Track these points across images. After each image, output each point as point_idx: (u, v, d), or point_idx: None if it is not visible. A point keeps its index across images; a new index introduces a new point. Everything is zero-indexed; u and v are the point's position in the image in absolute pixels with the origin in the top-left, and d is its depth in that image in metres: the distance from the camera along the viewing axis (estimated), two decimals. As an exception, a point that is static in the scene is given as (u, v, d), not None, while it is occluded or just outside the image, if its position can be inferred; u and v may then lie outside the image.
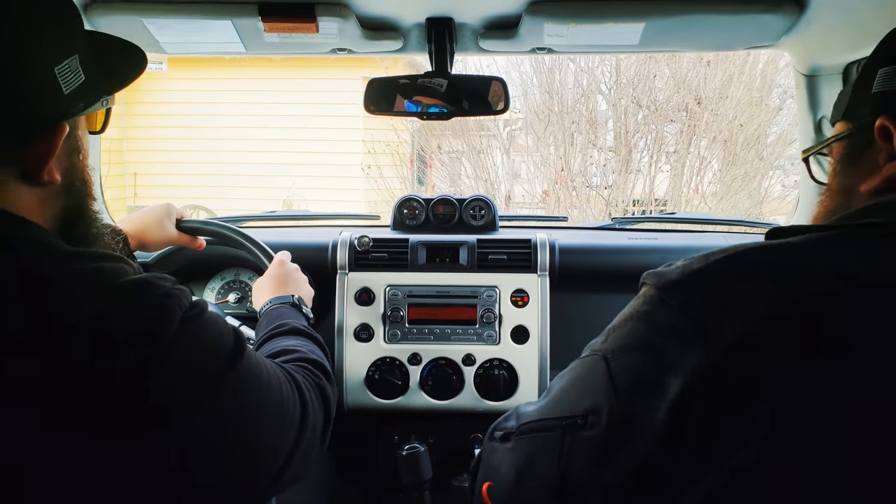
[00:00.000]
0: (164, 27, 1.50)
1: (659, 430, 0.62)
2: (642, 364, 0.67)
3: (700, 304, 0.64)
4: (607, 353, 0.71)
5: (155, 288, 0.72)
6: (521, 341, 1.72)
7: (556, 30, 1.49)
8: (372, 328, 1.74)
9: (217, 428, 0.73)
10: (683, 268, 0.68)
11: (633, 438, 0.65)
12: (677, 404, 0.61)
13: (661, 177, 6.69)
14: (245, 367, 0.79)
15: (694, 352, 0.61)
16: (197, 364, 0.72)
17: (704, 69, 6.42)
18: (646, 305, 0.69)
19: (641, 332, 0.68)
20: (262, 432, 0.81)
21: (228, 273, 1.92)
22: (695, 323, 0.63)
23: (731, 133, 6.46)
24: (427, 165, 8.15)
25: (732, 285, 0.64)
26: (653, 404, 0.63)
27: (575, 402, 0.73)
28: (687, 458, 0.61)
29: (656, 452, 0.63)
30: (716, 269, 0.66)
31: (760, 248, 0.67)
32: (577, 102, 6.87)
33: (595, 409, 0.69)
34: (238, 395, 0.76)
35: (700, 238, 2.02)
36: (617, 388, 0.68)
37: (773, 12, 1.39)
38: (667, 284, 0.67)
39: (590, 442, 0.69)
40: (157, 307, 0.70)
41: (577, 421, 0.71)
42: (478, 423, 1.77)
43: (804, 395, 0.57)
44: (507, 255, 1.76)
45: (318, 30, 1.47)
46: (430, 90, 1.58)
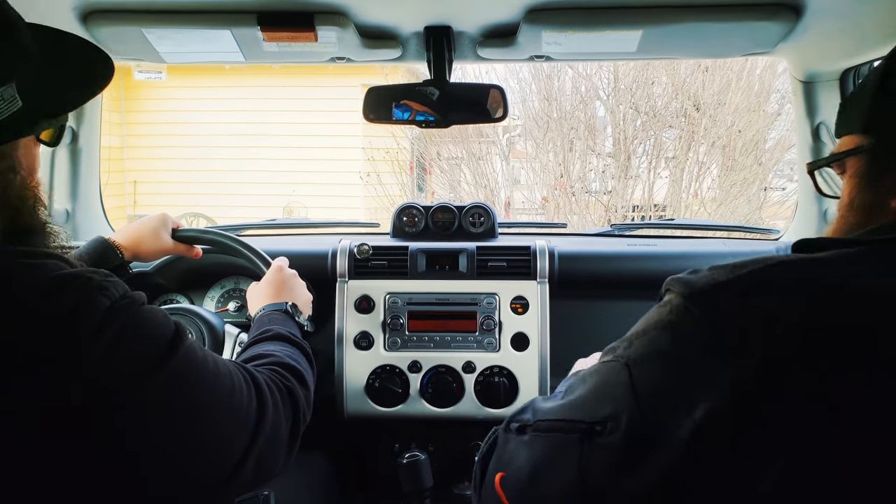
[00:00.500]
0: (164, 37, 1.50)
1: (683, 443, 0.61)
2: (666, 375, 0.66)
3: (728, 318, 0.63)
4: (630, 361, 0.70)
5: (81, 280, 0.73)
6: (521, 348, 1.72)
7: (554, 38, 1.49)
8: (372, 336, 1.74)
9: (156, 415, 0.73)
10: (710, 277, 0.67)
11: (654, 449, 0.64)
12: (704, 420, 0.60)
13: (660, 182, 6.70)
14: (185, 357, 0.79)
15: (721, 367, 0.61)
16: (129, 352, 0.72)
17: (702, 75, 6.44)
18: (671, 315, 0.68)
19: (666, 343, 0.67)
20: (206, 423, 0.81)
21: (228, 282, 1.93)
22: (722, 337, 0.62)
23: (730, 139, 6.47)
24: (427, 172, 8.17)
25: (763, 300, 0.63)
26: (676, 418, 0.62)
27: (594, 408, 0.72)
28: (713, 475, 0.61)
29: (680, 465, 0.62)
30: (746, 281, 0.65)
31: (791, 263, 0.66)
32: (576, 109, 6.89)
33: (614, 416, 0.68)
34: (176, 382, 0.76)
35: (699, 244, 2.02)
36: (639, 397, 0.67)
37: (770, 20, 1.40)
38: (693, 294, 0.67)
39: (608, 448, 0.68)
40: (81, 298, 0.70)
41: (596, 427, 0.70)
42: (478, 431, 1.76)
43: (840, 415, 0.57)
44: (507, 263, 1.76)
45: (316, 39, 1.47)
46: (429, 98, 1.59)
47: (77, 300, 0.70)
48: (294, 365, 1.11)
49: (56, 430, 0.66)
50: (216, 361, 0.87)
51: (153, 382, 0.73)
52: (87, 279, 0.73)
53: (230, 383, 0.87)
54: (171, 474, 0.76)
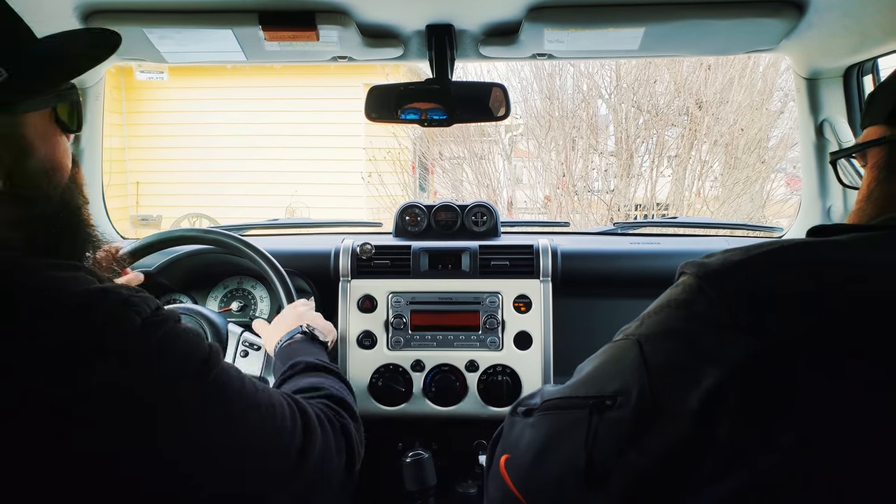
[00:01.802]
0: (166, 37, 1.50)
1: (691, 416, 0.62)
2: (677, 350, 0.66)
3: (741, 296, 0.64)
4: (641, 338, 0.71)
5: (113, 296, 0.71)
6: (524, 347, 1.72)
7: (556, 35, 1.49)
8: (375, 335, 1.74)
9: (190, 432, 0.72)
10: (724, 259, 0.68)
11: (663, 422, 0.65)
12: (713, 394, 0.61)
13: (663, 181, 6.69)
14: (220, 376, 0.77)
15: (733, 344, 0.61)
16: (163, 368, 0.71)
17: (705, 73, 6.42)
18: (685, 294, 0.69)
19: (678, 320, 0.68)
20: (240, 448, 0.78)
21: (231, 281, 1.93)
22: (735, 314, 0.63)
23: (733, 137, 6.46)
24: (429, 172, 8.16)
25: (777, 279, 0.64)
26: (686, 390, 0.63)
27: (605, 383, 0.73)
28: (717, 450, 0.61)
29: (686, 439, 0.63)
30: (758, 261, 0.66)
31: (805, 244, 0.66)
32: (578, 107, 6.88)
33: (625, 390, 0.69)
34: (209, 402, 0.75)
35: (702, 242, 2.02)
36: (650, 370, 0.67)
37: (773, 16, 1.39)
38: (707, 274, 0.67)
39: (618, 422, 0.69)
40: (111, 315, 0.69)
41: (606, 401, 0.71)
42: (482, 430, 1.77)
43: (849, 395, 0.57)
44: (510, 261, 1.76)
45: (318, 38, 1.47)
46: (431, 97, 1.58)
47: (107, 317, 0.68)
48: (344, 398, 1.07)
49: (88, 442, 0.64)
50: (255, 386, 0.84)
51: (186, 399, 0.72)
52: (118, 294, 0.71)
53: (270, 411, 0.84)
54: (204, 494, 0.74)
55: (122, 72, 7.84)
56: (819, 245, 0.66)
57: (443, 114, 1.60)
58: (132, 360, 0.68)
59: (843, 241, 0.67)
